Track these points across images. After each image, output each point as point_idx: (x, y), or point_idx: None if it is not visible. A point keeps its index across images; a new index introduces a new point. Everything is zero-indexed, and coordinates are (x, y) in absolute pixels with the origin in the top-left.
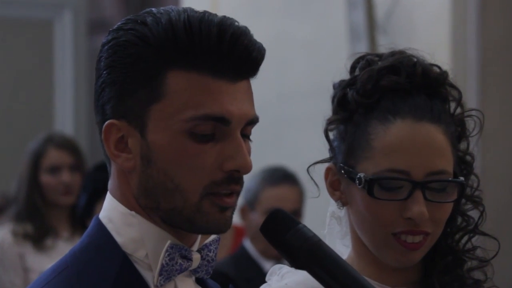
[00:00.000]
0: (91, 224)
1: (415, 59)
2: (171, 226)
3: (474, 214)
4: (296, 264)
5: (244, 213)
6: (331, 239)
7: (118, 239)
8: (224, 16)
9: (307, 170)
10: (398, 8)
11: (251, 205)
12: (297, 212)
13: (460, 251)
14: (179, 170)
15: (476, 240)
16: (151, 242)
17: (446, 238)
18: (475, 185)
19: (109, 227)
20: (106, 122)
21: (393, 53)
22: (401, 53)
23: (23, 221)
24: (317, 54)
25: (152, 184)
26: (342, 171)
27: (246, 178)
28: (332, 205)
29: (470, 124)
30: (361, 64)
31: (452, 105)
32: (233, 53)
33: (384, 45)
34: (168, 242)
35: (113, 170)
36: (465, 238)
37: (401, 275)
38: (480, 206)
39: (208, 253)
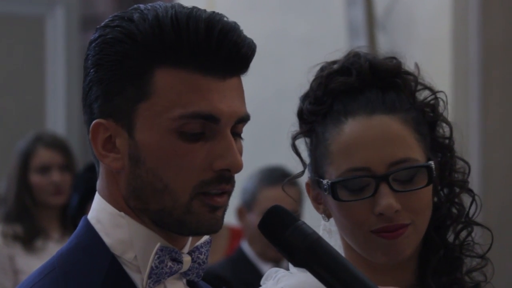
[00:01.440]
0: (80, 225)
1: (362, 56)
2: (161, 228)
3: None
4: (295, 261)
5: (241, 214)
6: None
7: (107, 240)
8: (213, 12)
9: (282, 188)
10: (398, 5)
11: (248, 206)
12: (295, 213)
13: (456, 247)
14: (168, 170)
15: (474, 236)
16: (140, 243)
17: (438, 231)
18: (466, 171)
19: (98, 228)
20: (93, 122)
21: (345, 56)
22: (349, 53)
23: (12, 222)
24: (315, 51)
25: (141, 185)
26: (316, 183)
27: (243, 178)
28: (324, 218)
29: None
30: (316, 73)
31: (424, 92)
32: (221, 49)
33: (384, 43)
34: (158, 244)
35: (101, 171)
36: (463, 233)
37: (397, 278)
38: (470, 192)
39: (199, 255)
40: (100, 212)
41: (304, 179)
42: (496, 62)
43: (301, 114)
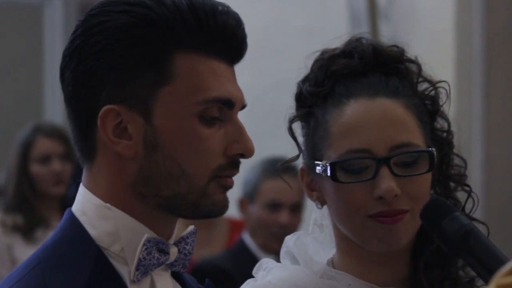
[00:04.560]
0: (64, 217)
1: (366, 41)
2: (168, 212)
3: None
4: (449, 248)
5: (243, 205)
6: (310, 240)
7: (92, 232)
8: (220, 1)
9: (277, 171)
10: None
11: (250, 197)
12: (299, 204)
13: None
14: (188, 155)
15: None
16: (127, 235)
17: None
18: (462, 167)
19: (83, 220)
20: (104, 108)
21: (346, 41)
22: (357, 40)
23: (12, 212)
24: (316, 42)
25: (156, 171)
26: (312, 168)
27: (245, 169)
28: (315, 213)
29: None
30: (316, 57)
31: (425, 84)
32: (235, 37)
33: (386, 33)
34: (145, 235)
35: (98, 161)
36: None
37: (390, 271)
38: (467, 187)
39: (185, 246)
40: (85, 204)
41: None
42: (499, 52)
43: (299, 97)
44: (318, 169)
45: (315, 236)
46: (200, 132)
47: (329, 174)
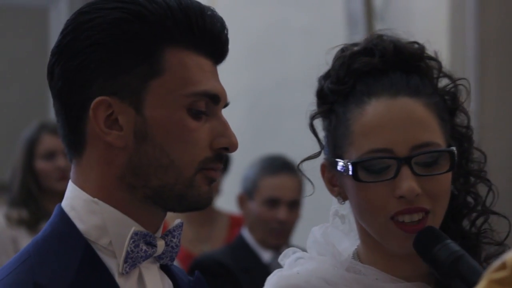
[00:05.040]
0: (54, 213)
1: (387, 38)
2: (156, 205)
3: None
4: (440, 274)
5: (242, 201)
6: (337, 233)
7: (81, 226)
8: (204, 5)
9: (297, 167)
10: None
11: (249, 194)
12: (296, 201)
13: (472, 235)
14: (177, 145)
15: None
16: (114, 228)
17: (455, 220)
18: (482, 161)
19: (72, 215)
20: (96, 99)
21: (366, 38)
22: (378, 37)
23: (18, 207)
24: (314, 42)
25: (145, 161)
26: (334, 165)
27: (244, 167)
28: (334, 204)
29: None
30: (336, 54)
31: (444, 80)
32: (220, 40)
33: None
34: (133, 228)
35: (87, 154)
36: (479, 220)
37: (415, 266)
38: (487, 181)
39: (172, 239)
40: (74, 199)
41: (308, 166)
42: (492, 54)
43: (320, 94)
44: (340, 167)
45: (334, 226)
46: (188, 123)
47: (350, 173)
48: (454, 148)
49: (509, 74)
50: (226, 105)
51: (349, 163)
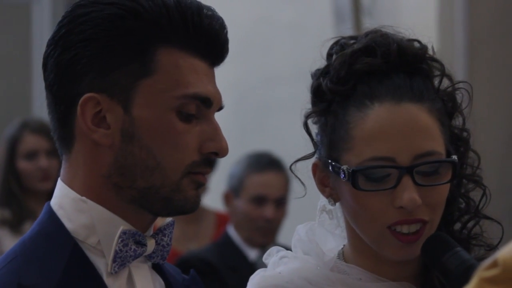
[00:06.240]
0: (42, 211)
1: (390, 37)
2: (141, 207)
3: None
4: (450, 284)
5: (228, 199)
6: (322, 232)
7: (69, 225)
8: (204, 4)
9: (290, 168)
10: None
11: (235, 191)
12: (283, 199)
13: (464, 239)
14: (164, 148)
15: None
16: (102, 227)
17: (447, 224)
18: (475, 164)
19: (60, 214)
20: (85, 96)
21: (367, 34)
22: (376, 32)
23: (0, 207)
24: (301, 37)
25: (131, 161)
26: (327, 166)
27: (230, 164)
28: (322, 199)
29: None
30: (334, 49)
31: (445, 82)
32: (218, 40)
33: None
34: (121, 227)
35: (75, 150)
36: (471, 223)
37: (401, 267)
38: (482, 186)
39: (162, 237)
40: (62, 198)
41: (298, 164)
42: (481, 48)
43: (317, 91)
44: (337, 172)
45: (322, 222)
46: (176, 126)
47: (350, 180)
48: (456, 158)
49: (498, 70)
50: (220, 108)
51: (349, 170)
